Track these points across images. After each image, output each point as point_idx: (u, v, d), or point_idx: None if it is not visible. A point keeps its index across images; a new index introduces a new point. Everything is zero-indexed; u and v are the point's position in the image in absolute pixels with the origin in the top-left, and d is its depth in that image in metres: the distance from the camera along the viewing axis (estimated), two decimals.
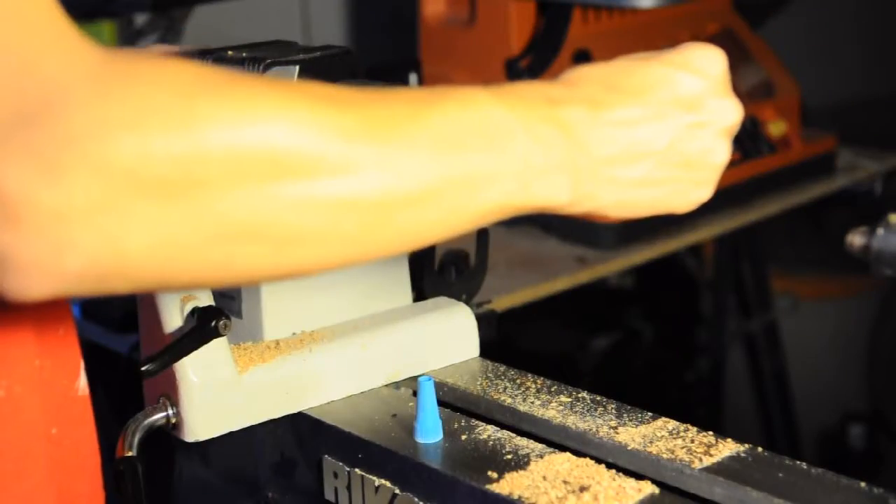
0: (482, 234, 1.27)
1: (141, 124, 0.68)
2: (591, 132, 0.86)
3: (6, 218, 0.67)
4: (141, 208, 0.69)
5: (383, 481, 1.03)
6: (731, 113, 0.92)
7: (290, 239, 0.75)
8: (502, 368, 1.18)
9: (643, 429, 1.03)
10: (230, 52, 1.13)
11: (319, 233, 0.75)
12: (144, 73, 0.71)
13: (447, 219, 0.81)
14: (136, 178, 0.68)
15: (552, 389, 1.12)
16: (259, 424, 1.11)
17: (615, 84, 0.89)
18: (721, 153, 0.92)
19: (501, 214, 0.85)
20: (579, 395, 1.10)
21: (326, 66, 1.11)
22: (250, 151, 0.71)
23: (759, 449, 0.99)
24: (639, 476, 0.98)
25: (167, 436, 1.10)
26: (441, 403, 1.09)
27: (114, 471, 1.03)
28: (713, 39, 2.06)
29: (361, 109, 0.77)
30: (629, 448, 1.00)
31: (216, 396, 1.08)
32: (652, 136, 0.89)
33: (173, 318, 1.08)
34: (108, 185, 0.67)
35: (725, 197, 1.06)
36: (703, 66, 0.91)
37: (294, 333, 1.16)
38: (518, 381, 1.14)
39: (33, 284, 0.69)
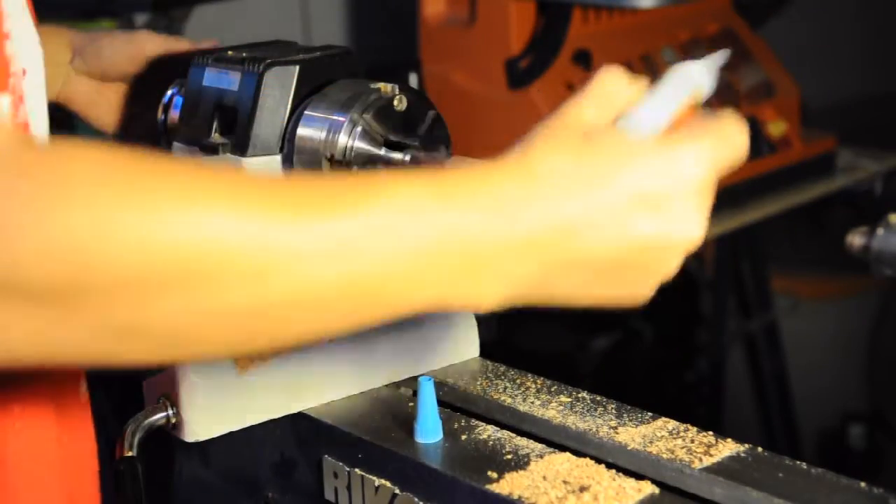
0: None
1: (11, 230, 0.66)
2: (539, 236, 0.79)
3: None
4: (16, 309, 0.67)
5: (383, 481, 1.03)
6: (693, 232, 0.87)
7: (175, 340, 0.73)
8: (502, 368, 1.17)
9: (643, 429, 1.03)
10: (230, 52, 1.13)
11: (208, 336, 0.74)
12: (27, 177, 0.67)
13: (355, 320, 0.78)
14: (8, 282, 0.67)
15: (552, 389, 1.12)
16: (259, 424, 1.11)
17: (572, 185, 0.81)
18: (669, 268, 0.88)
19: (423, 311, 0.80)
20: (579, 395, 1.10)
21: (326, 66, 1.11)
22: (149, 256, 0.69)
23: (759, 449, 0.99)
24: (639, 476, 0.98)
25: (167, 436, 1.10)
26: (441, 403, 1.09)
27: (114, 471, 1.03)
28: (713, 39, 2.07)
29: (273, 202, 0.73)
30: (629, 448, 1.00)
31: (216, 396, 1.08)
32: (604, 244, 0.82)
33: None
34: None
35: (725, 197, 1.05)
36: (680, 172, 0.83)
37: None
38: (518, 381, 1.14)
39: None
